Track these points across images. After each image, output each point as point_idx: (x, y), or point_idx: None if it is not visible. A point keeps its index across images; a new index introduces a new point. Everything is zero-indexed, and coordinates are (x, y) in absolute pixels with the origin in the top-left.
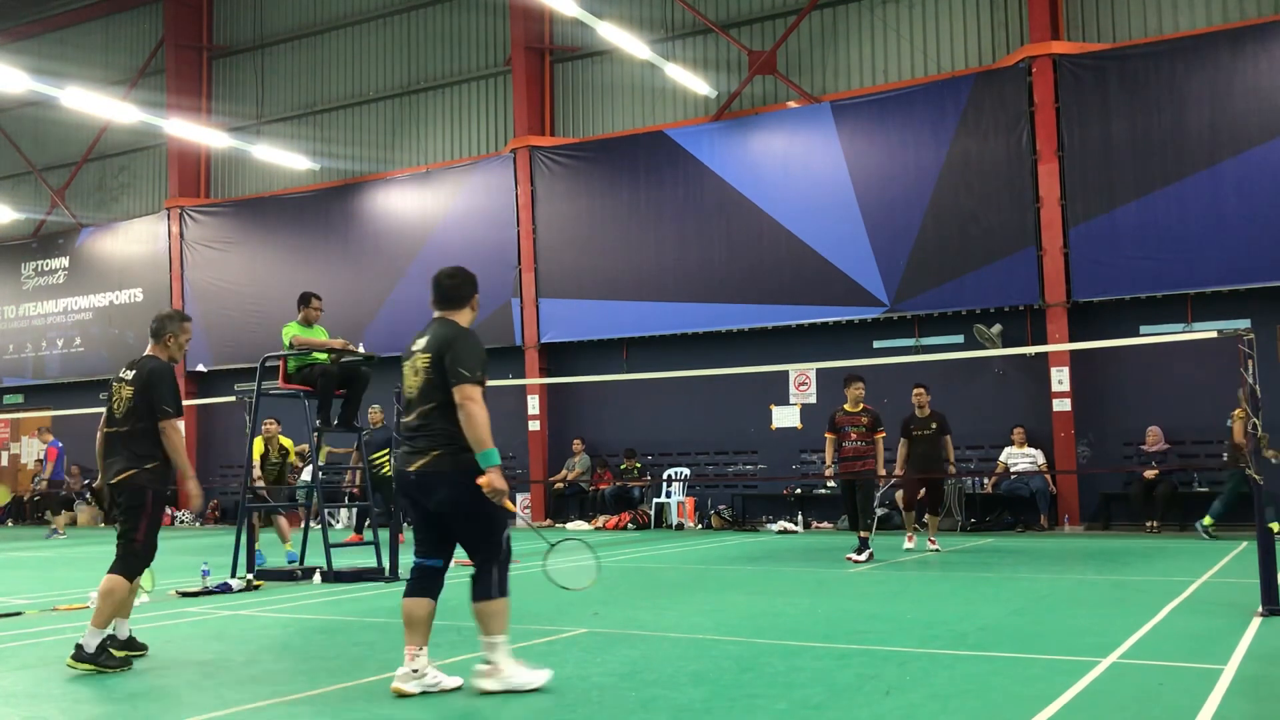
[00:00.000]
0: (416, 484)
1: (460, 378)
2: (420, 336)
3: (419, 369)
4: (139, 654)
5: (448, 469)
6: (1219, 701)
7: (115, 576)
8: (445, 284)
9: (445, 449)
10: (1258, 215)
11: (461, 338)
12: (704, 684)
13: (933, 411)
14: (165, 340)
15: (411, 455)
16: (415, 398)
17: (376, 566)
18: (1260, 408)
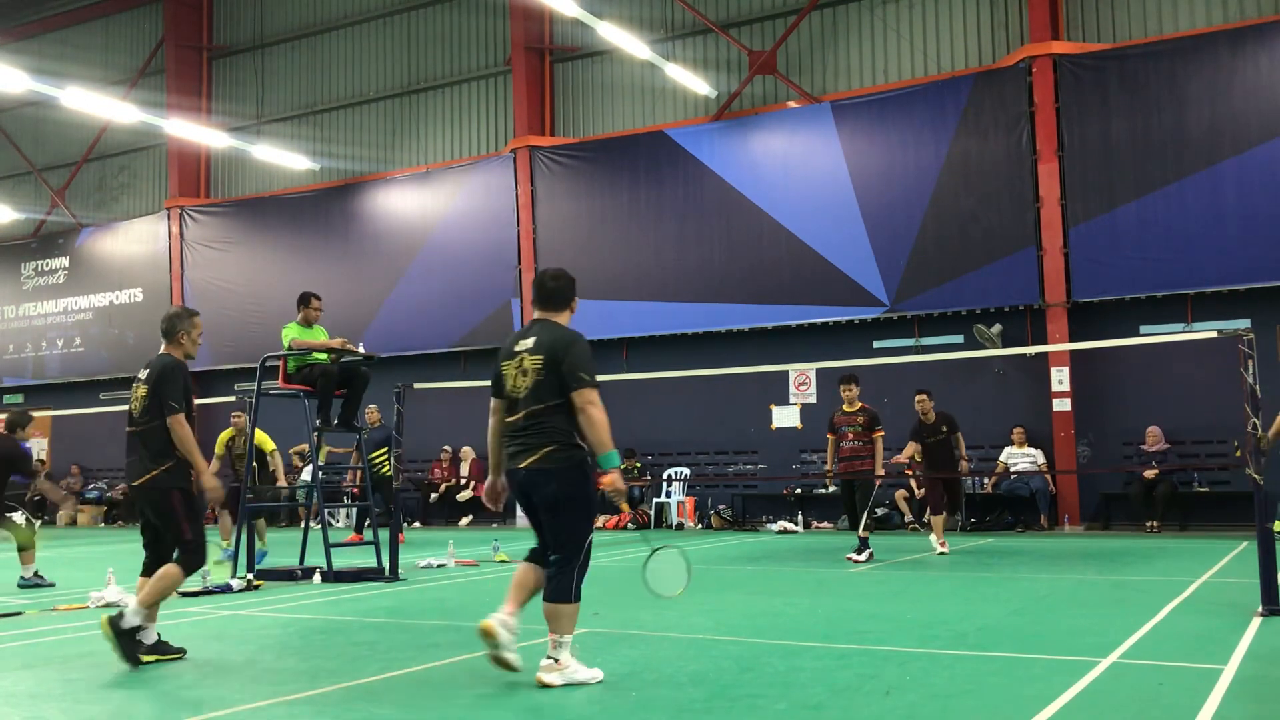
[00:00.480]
0: (526, 480)
1: (581, 382)
2: (524, 337)
3: (528, 369)
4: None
5: (556, 466)
6: (1219, 701)
7: (174, 567)
8: (550, 285)
9: (556, 446)
10: (1258, 215)
11: (576, 342)
12: (704, 684)
13: (939, 415)
14: (178, 338)
15: (522, 453)
16: (524, 397)
17: (376, 566)
18: (1260, 408)
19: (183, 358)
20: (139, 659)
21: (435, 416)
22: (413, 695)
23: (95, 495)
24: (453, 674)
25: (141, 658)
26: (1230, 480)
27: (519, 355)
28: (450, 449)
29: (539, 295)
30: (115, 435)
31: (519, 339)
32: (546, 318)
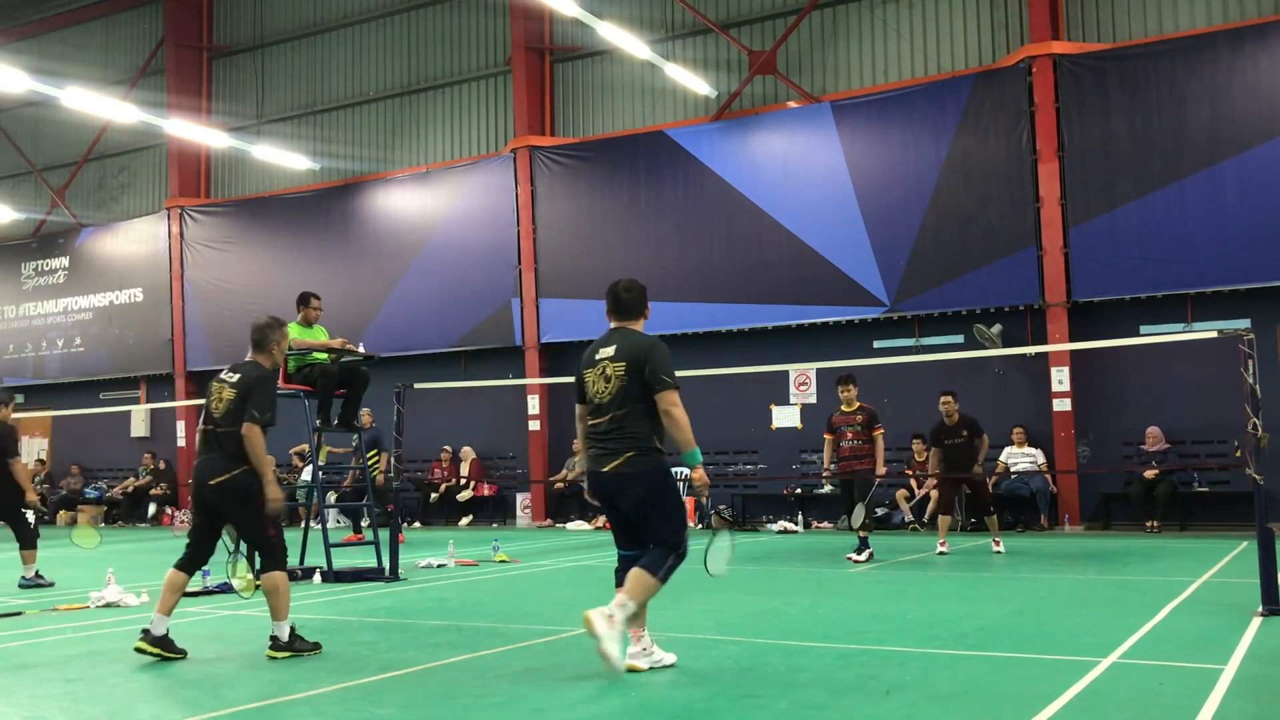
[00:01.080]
0: (610, 483)
1: (664, 384)
2: (604, 345)
3: (610, 376)
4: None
5: (637, 470)
6: (1219, 701)
7: (271, 573)
8: (624, 297)
9: (638, 450)
10: (1258, 215)
11: (656, 346)
12: (704, 684)
13: (962, 417)
14: (269, 349)
15: (605, 456)
16: (607, 403)
17: (376, 566)
18: (1260, 408)
19: (270, 367)
20: (317, 646)
21: (435, 416)
22: (413, 695)
23: (95, 495)
24: (453, 674)
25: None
26: (1230, 480)
27: (601, 363)
28: (450, 449)
29: (614, 306)
30: (115, 435)
31: (600, 347)
32: (623, 326)
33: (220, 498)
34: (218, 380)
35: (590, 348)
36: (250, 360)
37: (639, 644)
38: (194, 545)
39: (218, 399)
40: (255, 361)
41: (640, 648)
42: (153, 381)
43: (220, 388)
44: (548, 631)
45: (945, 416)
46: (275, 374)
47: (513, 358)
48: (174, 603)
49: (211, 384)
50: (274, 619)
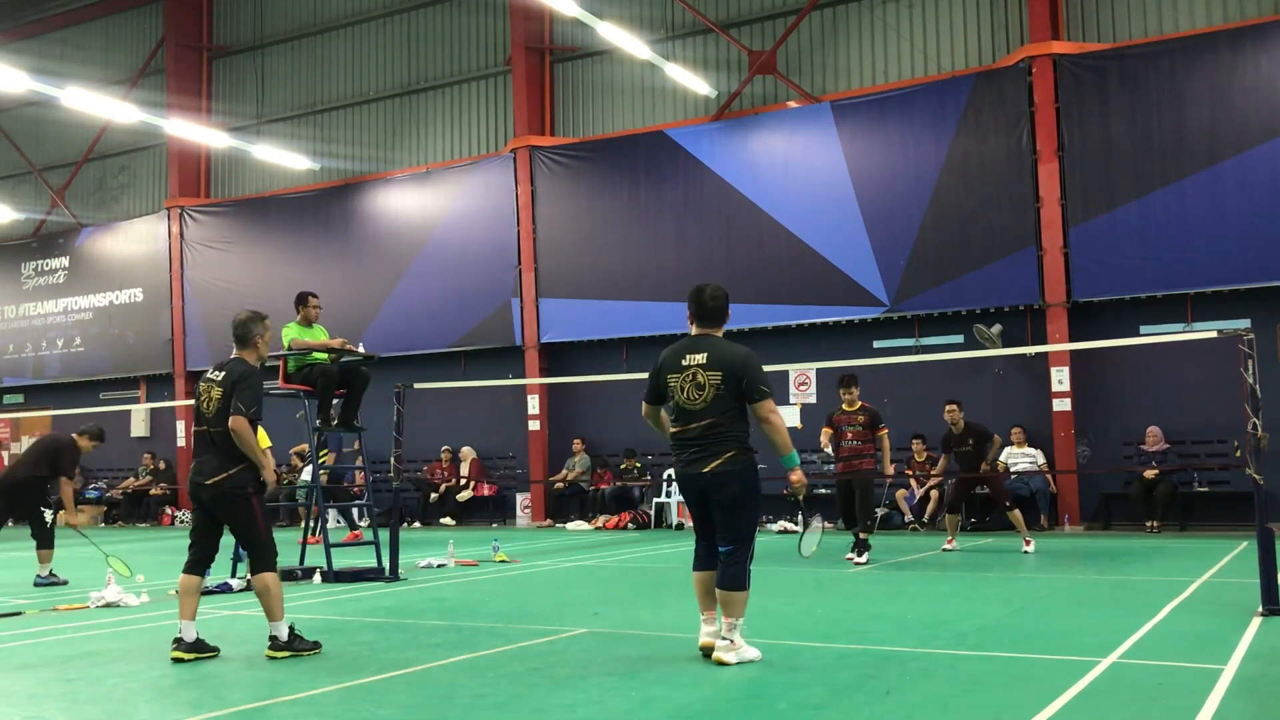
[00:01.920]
0: (710, 482)
1: (763, 394)
2: (692, 351)
3: (704, 384)
4: (210, 655)
5: (738, 469)
6: (1219, 701)
7: (263, 575)
8: (710, 305)
9: (736, 451)
10: (1258, 215)
11: (750, 357)
12: (704, 684)
13: (968, 425)
14: (254, 343)
15: (704, 458)
16: (701, 409)
17: (376, 566)
18: (1260, 408)
19: (256, 361)
20: (317, 645)
21: (435, 416)
22: (413, 695)
23: (95, 495)
24: (453, 674)
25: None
26: (1230, 480)
27: (690, 369)
28: (450, 449)
29: (700, 312)
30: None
31: (686, 352)
32: (708, 333)
33: (216, 497)
34: (205, 380)
35: (672, 351)
36: (235, 357)
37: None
38: (198, 546)
39: (207, 399)
40: (240, 358)
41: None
42: (153, 381)
43: (209, 388)
44: (548, 631)
45: (951, 425)
46: (261, 369)
47: (513, 358)
48: (195, 605)
49: (199, 385)
50: (270, 619)
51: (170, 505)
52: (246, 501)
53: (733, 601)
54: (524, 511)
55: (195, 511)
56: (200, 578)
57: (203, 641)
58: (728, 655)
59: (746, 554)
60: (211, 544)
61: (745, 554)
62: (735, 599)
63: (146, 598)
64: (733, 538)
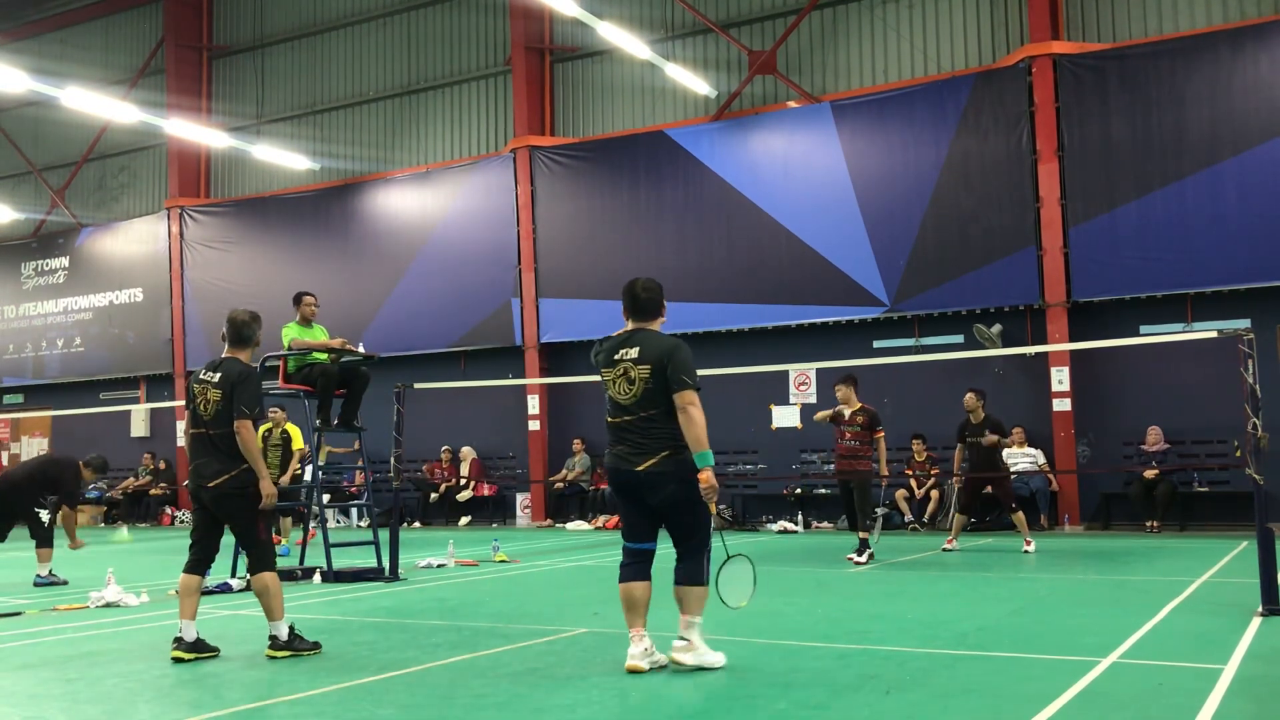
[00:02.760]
0: (645, 481)
1: (683, 384)
2: (624, 346)
3: (635, 378)
4: (210, 655)
5: (675, 468)
6: (1219, 701)
7: (261, 575)
8: (643, 296)
9: (671, 450)
10: (1258, 215)
11: (679, 348)
12: (704, 684)
13: (987, 417)
14: (253, 344)
15: (637, 455)
16: (634, 404)
17: (376, 566)
18: (1260, 408)
19: (250, 361)
20: (317, 645)
21: (435, 416)
22: (413, 695)
23: (95, 495)
24: (453, 674)
25: (182, 655)
26: (1230, 480)
27: (622, 364)
28: (450, 449)
29: (632, 306)
30: (115, 435)
31: (619, 347)
32: (643, 327)
33: (218, 499)
34: (198, 381)
35: (606, 346)
36: (229, 356)
37: (641, 644)
38: (198, 546)
39: (204, 400)
40: (234, 357)
41: (642, 648)
42: (153, 381)
43: (204, 389)
44: (548, 631)
45: (969, 413)
46: (258, 370)
47: (513, 358)
48: (195, 605)
49: (192, 385)
50: (270, 619)
51: (170, 505)
52: (246, 501)
53: (690, 597)
54: (524, 511)
55: (196, 512)
56: (201, 578)
57: (203, 641)
58: (684, 656)
59: (703, 549)
60: (212, 544)
61: (701, 549)
62: (693, 594)
63: (146, 598)
64: (684, 535)
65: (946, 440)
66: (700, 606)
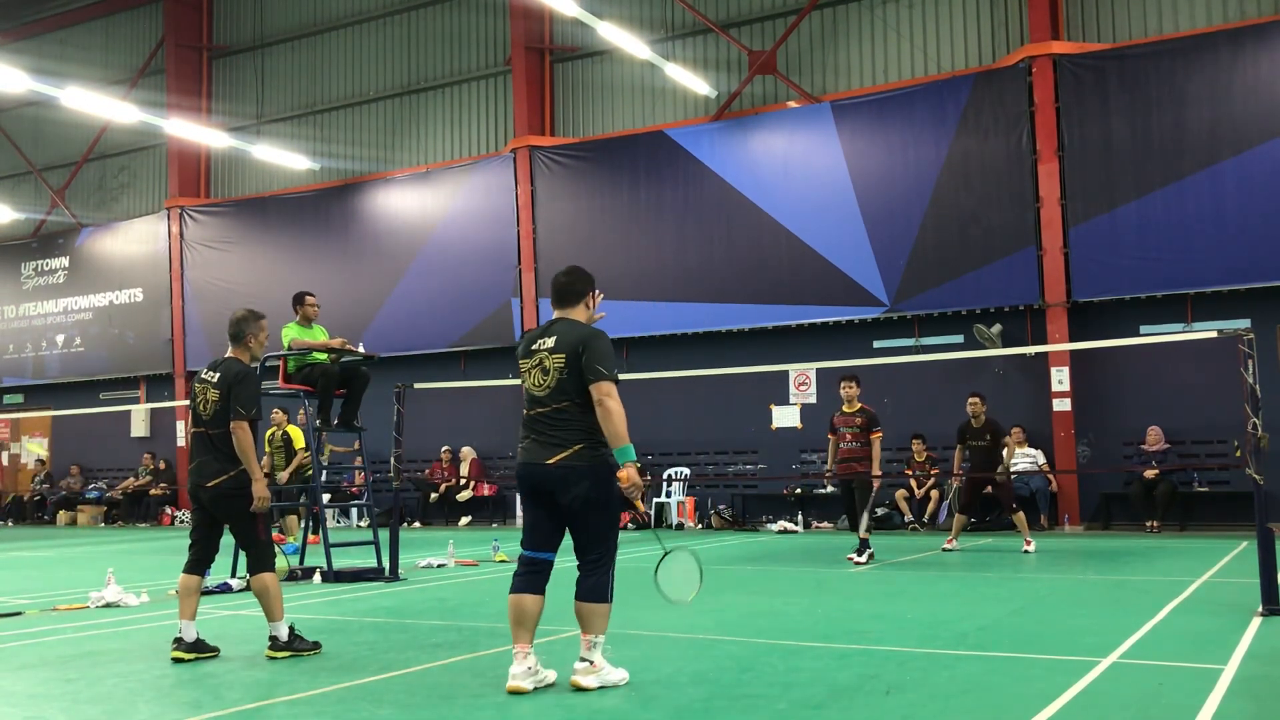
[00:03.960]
0: (555, 476)
1: (599, 375)
2: (544, 335)
3: (549, 368)
4: (210, 655)
5: (586, 464)
6: (1219, 701)
7: (261, 575)
8: (562, 280)
9: (586, 443)
10: (1258, 215)
11: (594, 337)
12: (704, 684)
13: (988, 420)
14: (246, 342)
15: (549, 448)
16: (546, 395)
17: (376, 566)
18: (1260, 408)
19: (249, 361)
20: (317, 645)
21: (435, 416)
22: (413, 695)
23: (95, 495)
24: (453, 674)
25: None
26: (1230, 480)
27: (538, 354)
28: (450, 449)
29: (554, 293)
30: (115, 435)
31: (537, 337)
32: (565, 315)
33: (217, 499)
34: (199, 381)
35: (526, 337)
36: (229, 356)
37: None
38: (197, 546)
39: (203, 400)
40: (233, 357)
41: (526, 666)
42: (153, 381)
43: (204, 389)
44: (547, 631)
45: (972, 418)
46: (255, 370)
47: (512, 358)
48: (195, 605)
49: (194, 385)
50: (269, 620)
51: (170, 505)
52: (246, 502)
53: (593, 616)
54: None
55: (195, 512)
56: (200, 578)
57: (203, 641)
58: (586, 679)
59: (608, 562)
60: (212, 544)
61: (607, 562)
62: (596, 612)
63: (146, 598)
64: (589, 543)
65: (946, 440)
66: (603, 626)
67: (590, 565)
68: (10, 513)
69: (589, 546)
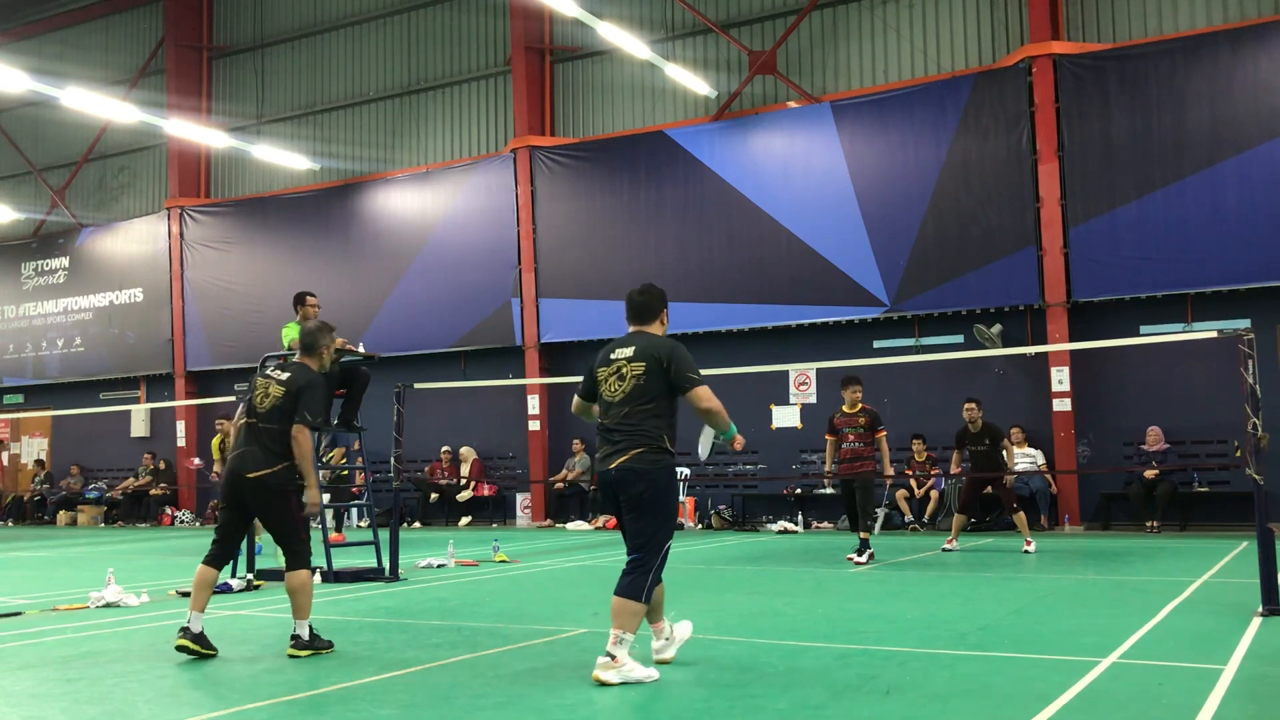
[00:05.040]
0: (616, 479)
1: (692, 382)
2: (622, 346)
3: (626, 374)
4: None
5: (646, 466)
6: (1219, 701)
7: (297, 572)
8: (638, 300)
9: (646, 448)
10: (1258, 215)
11: (676, 348)
12: (704, 684)
13: (985, 425)
14: (319, 353)
15: (615, 453)
16: (619, 400)
17: (376, 566)
18: (1260, 408)
19: (317, 369)
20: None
21: (435, 416)
22: (413, 695)
23: (95, 495)
24: (453, 674)
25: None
26: (1230, 480)
27: (616, 363)
28: (450, 449)
29: (630, 310)
30: (115, 435)
31: (617, 347)
32: (641, 329)
33: (257, 492)
34: (264, 376)
35: (606, 348)
36: (300, 362)
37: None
38: (222, 540)
39: (263, 394)
40: (304, 364)
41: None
42: (153, 381)
43: (267, 384)
44: (548, 631)
45: (969, 423)
46: (324, 377)
47: (513, 358)
48: (206, 598)
49: (256, 379)
50: (296, 618)
51: (170, 505)
52: (286, 499)
53: (626, 612)
54: (524, 511)
55: (227, 507)
56: (217, 571)
57: (205, 637)
58: (607, 674)
59: (651, 565)
60: (236, 541)
61: (650, 566)
62: (628, 609)
63: (146, 598)
64: (638, 545)
65: (946, 440)
66: (635, 624)
67: (634, 564)
68: (10, 513)
69: (638, 547)
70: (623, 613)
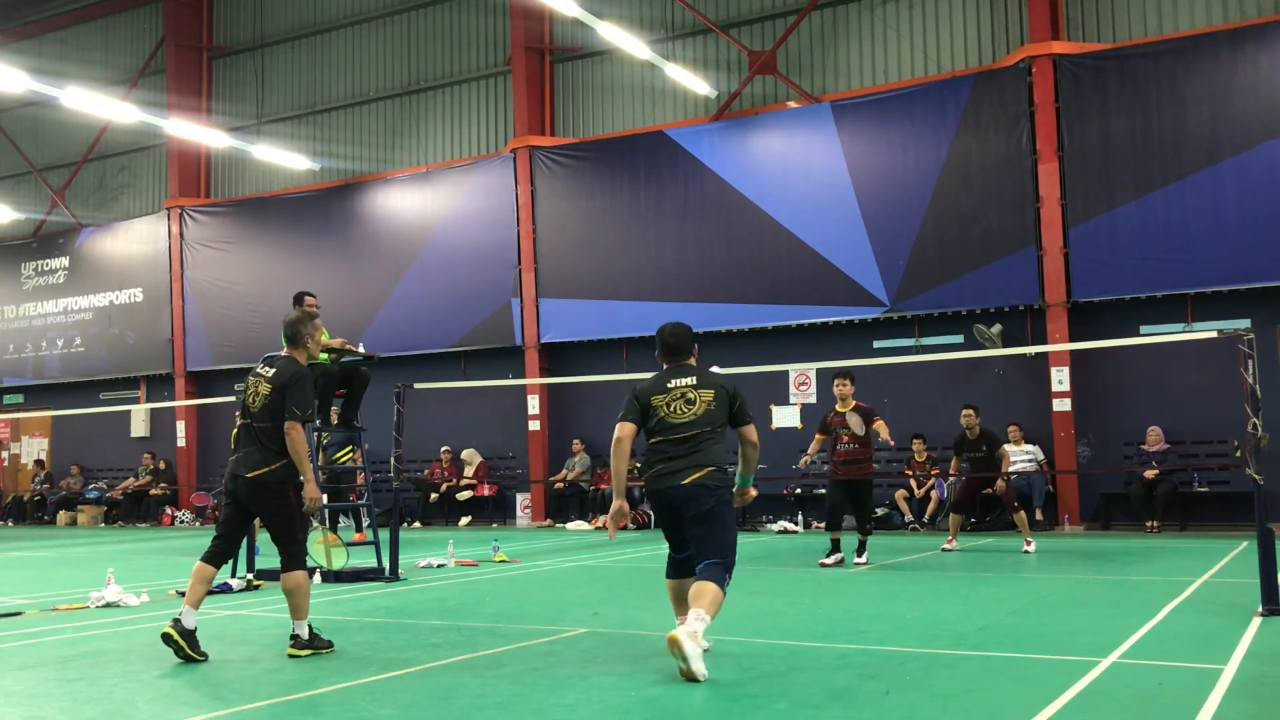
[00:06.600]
0: (688, 494)
1: (751, 419)
2: (678, 376)
3: (695, 399)
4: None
5: (717, 484)
6: (1219, 701)
7: (292, 573)
8: (671, 341)
9: (715, 468)
10: (1258, 215)
11: (738, 385)
12: (704, 684)
13: (983, 432)
14: (303, 342)
15: (687, 470)
16: (689, 422)
17: (376, 566)
18: (1260, 408)
19: (305, 361)
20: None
21: (435, 416)
22: (413, 695)
23: (95, 495)
24: (453, 674)
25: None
26: (1230, 480)
27: (680, 389)
28: (450, 449)
29: (666, 350)
30: (115, 435)
31: (672, 377)
32: (684, 364)
33: (255, 491)
34: (253, 375)
35: (653, 381)
36: (286, 356)
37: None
38: (222, 538)
39: (254, 393)
40: (291, 357)
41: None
42: (153, 381)
43: (256, 382)
44: (548, 631)
45: (966, 430)
46: (310, 371)
47: (513, 358)
48: (202, 594)
49: (248, 378)
50: (295, 618)
51: (170, 505)
52: (284, 498)
53: (705, 594)
54: (524, 511)
55: (227, 506)
56: (215, 569)
57: (195, 638)
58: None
59: (731, 564)
60: (236, 540)
61: (730, 564)
62: (709, 591)
63: (146, 598)
64: (717, 551)
65: (946, 440)
66: (711, 608)
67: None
68: (10, 513)
69: (717, 552)
70: (705, 594)
